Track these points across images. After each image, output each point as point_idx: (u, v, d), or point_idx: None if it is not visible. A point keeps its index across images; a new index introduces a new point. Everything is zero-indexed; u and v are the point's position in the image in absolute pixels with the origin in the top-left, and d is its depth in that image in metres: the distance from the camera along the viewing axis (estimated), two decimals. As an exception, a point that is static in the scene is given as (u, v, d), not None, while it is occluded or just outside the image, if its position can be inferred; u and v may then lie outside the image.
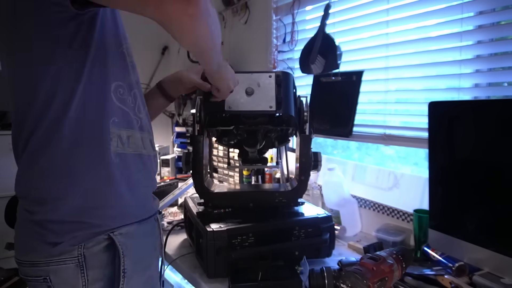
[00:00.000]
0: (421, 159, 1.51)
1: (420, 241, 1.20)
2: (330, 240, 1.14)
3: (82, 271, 0.73)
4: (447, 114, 1.03)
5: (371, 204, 1.46)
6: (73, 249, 0.72)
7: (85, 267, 0.73)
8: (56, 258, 0.72)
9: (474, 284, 0.97)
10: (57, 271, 0.72)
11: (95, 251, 0.74)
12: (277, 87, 1.06)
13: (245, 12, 2.08)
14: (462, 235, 0.98)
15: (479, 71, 1.19)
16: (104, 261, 0.75)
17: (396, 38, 1.37)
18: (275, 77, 1.08)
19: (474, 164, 0.97)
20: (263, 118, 1.15)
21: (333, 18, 1.58)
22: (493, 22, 1.14)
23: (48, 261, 0.72)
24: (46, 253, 0.72)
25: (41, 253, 0.73)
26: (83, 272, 0.73)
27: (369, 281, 0.83)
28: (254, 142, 1.20)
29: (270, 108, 1.05)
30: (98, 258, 0.74)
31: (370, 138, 1.47)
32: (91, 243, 0.74)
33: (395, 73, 1.40)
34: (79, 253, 0.72)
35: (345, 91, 1.51)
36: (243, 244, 1.05)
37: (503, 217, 0.90)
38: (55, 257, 0.72)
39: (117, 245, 0.75)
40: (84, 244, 0.73)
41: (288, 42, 1.81)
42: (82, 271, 0.73)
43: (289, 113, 1.09)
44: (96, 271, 0.74)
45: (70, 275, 0.73)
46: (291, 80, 1.12)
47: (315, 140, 1.79)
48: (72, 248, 0.72)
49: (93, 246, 0.74)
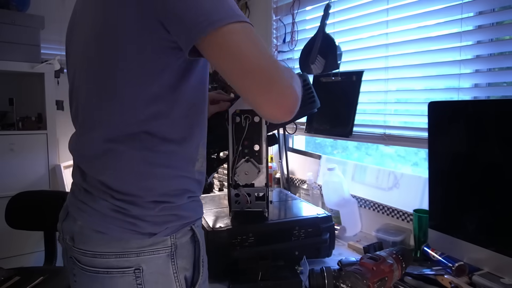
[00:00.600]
0: (421, 159, 1.51)
1: (420, 241, 1.21)
2: (330, 240, 1.14)
3: (172, 260, 0.76)
4: (447, 114, 1.03)
5: (371, 204, 1.46)
6: (166, 239, 0.75)
7: (175, 256, 0.76)
8: (148, 248, 0.74)
9: (474, 284, 0.97)
10: (148, 261, 0.74)
11: (183, 241, 0.78)
12: None
13: (245, 12, 2.09)
14: (462, 235, 0.98)
15: (478, 71, 1.19)
16: (190, 250, 0.79)
17: (396, 38, 1.37)
18: None
19: (474, 164, 0.97)
20: None
21: (333, 18, 1.58)
22: (493, 22, 1.14)
23: (140, 251, 0.73)
24: (138, 243, 0.73)
25: (131, 243, 0.73)
26: (174, 261, 0.76)
27: (369, 281, 0.83)
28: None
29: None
30: (186, 248, 0.78)
31: (370, 138, 1.47)
32: (180, 233, 0.77)
33: (395, 73, 1.40)
34: (172, 243, 0.76)
35: (345, 91, 1.52)
36: (243, 244, 1.05)
37: (503, 217, 0.90)
38: (147, 247, 0.74)
39: (198, 236, 0.80)
40: (175, 235, 0.76)
41: (288, 42, 1.82)
42: (172, 260, 0.76)
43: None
44: (184, 261, 0.78)
45: (161, 265, 0.75)
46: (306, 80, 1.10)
47: (315, 140, 1.79)
48: (166, 238, 0.75)
49: (182, 237, 0.77)
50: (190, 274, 0.79)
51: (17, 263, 2.01)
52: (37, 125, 2.25)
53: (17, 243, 2.17)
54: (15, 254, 2.19)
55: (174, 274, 0.76)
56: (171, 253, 0.76)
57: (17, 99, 2.24)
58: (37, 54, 2.16)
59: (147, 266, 0.73)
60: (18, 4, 2.14)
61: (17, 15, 2.11)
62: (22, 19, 2.11)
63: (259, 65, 0.64)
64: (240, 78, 0.65)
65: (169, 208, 0.76)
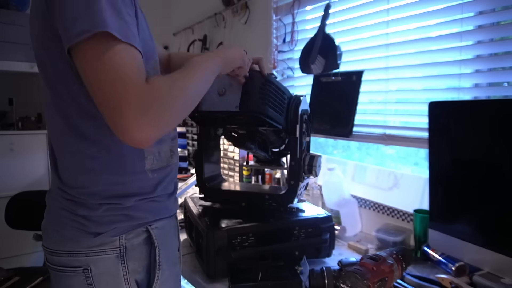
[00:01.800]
0: (421, 159, 1.51)
1: (420, 241, 1.20)
2: (330, 240, 1.14)
3: (122, 262, 0.74)
4: (447, 114, 1.03)
5: (371, 204, 1.46)
6: (114, 239, 0.74)
7: (125, 258, 0.75)
8: (96, 248, 0.73)
9: (474, 284, 0.97)
10: (97, 261, 0.73)
11: (135, 243, 0.76)
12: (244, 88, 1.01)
13: (245, 12, 2.08)
14: (462, 235, 0.98)
15: (479, 71, 1.19)
16: (143, 253, 0.77)
17: (396, 38, 1.37)
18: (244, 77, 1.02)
19: (474, 164, 0.97)
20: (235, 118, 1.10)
21: (333, 18, 1.58)
22: (493, 22, 1.14)
23: (88, 251, 0.73)
24: (86, 243, 0.73)
25: (81, 243, 0.73)
26: (124, 262, 0.75)
27: (369, 281, 0.83)
28: (241, 142, 1.18)
29: (236, 108, 1.02)
30: (137, 250, 0.77)
31: (370, 138, 1.47)
32: (131, 235, 0.76)
33: (395, 73, 1.39)
34: (121, 244, 0.74)
35: (345, 91, 1.51)
36: (243, 244, 1.05)
37: (503, 217, 0.90)
38: (96, 247, 0.73)
39: (154, 238, 0.78)
40: (125, 236, 0.75)
41: (288, 42, 1.81)
42: (122, 262, 0.74)
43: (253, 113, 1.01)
44: (136, 263, 0.76)
45: (111, 266, 0.74)
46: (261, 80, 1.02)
47: (315, 140, 1.79)
48: (114, 239, 0.74)
49: (133, 238, 0.76)
50: (143, 277, 0.78)
51: (17, 263, 2.01)
52: (36, 125, 2.25)
53: (17, 243, 2.17)
54: (15, 254, 2.19)
55: (124, 276, 0.75)
56: (121, 255, 0.74)
57: (17, 99, 2.24)
58: (37, 54, 2.16)
59: (95, 266, 0.73)
60: (18, 4, 2.15)
61: (17, 15, 2.11)
62: (21, 19, 2.11)
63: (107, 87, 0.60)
64: (93, 95, 0.62)
65: (116, 209, 0.75)
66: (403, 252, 0.96)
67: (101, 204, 0.73)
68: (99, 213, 0.73)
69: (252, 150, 1.20)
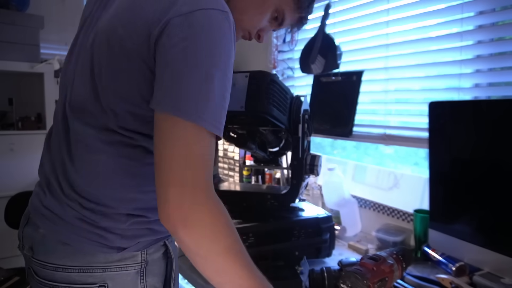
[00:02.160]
0: (421, 159, 1.51)
1: (420, 241, 1.20)
2: (330, 240, 1.14)
3: (142, 278, 0.70)
4: (447, 114, 1.03)
5: (371, 204, 1.46)
6: (136, 254, 0.69)
7: (145, 273, 0.70)
8: (116, 263, 0.67)
9: (474, 284, 0.97)
10: (115, 277, 0.67)
11: (155, 257, 0.72)
12: (249, 87, 1.01)
13: (245, 12, 2.08)
14: (462, 235, 0.98)
15: (479, 71, 1.19)
16: (162, 268, 0.74)
17: (396, 38, 1.37)
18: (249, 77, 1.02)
19: (474, 164, 0.97)
20: (238, 118, 1.10)
21: (333, 18, 1.58)
22: (493, 22, 1.14)
23: (106, 267, 0.67)
24: (104, 257, 0.67)
25: (97, 257, 0.67)
26: (143, 278, 0.70)
27: (369, 281, 0.83)
28: (242, 142, 1.18)
29: (241, 108, 1.01)
30: (157, 265, 0.73)
31: (370, 138, 1.47)
32: (152, 249, 0.72)
33: (395, 73, 1.39)
34: (143, 259, 0.70)
35: (345, 91, 1.51)
36: (243, 244, 1.05)
37: (503, 217, 0.90)
38: (115, 262, 0.67)
39: (171, 252, 0.74)
40: (146, 250, 0.71)
41: (288, 42, 1.81)
42: (142, 278, 0.70)
43: (258, 113, 1.01)
44: (154, 278, 0.72)
45: (129, 282, 0.69)
46: (267, 80, 1.04)
47: (315, 140, 1.79)
48: (135, 254, 0.69)
49: (154, 253, 0.72)
50: None
51: (17, 263, 2.00)
52: (36, 125, 2.25)
53: (17, 243, 2.17)
54: (15, 254, 2.18)
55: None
56: (141, 270, 0.70)
57: (17, 99, 2.24)
58: (37, 54, 2.16)
59: (114, 283, 0.67)
60: (18, 4, 2.14)
61: (17, 15, 2.11)
62: (21, 19, 2.11)
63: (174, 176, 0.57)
64: (158, 159, 0.58)
65: (142, 223, 0.70)
66: (403, 252, 0.96)
67: (128, 216, 0.68)
68: (125, 226, 0.68)
69: (253, 150, 1.20)
